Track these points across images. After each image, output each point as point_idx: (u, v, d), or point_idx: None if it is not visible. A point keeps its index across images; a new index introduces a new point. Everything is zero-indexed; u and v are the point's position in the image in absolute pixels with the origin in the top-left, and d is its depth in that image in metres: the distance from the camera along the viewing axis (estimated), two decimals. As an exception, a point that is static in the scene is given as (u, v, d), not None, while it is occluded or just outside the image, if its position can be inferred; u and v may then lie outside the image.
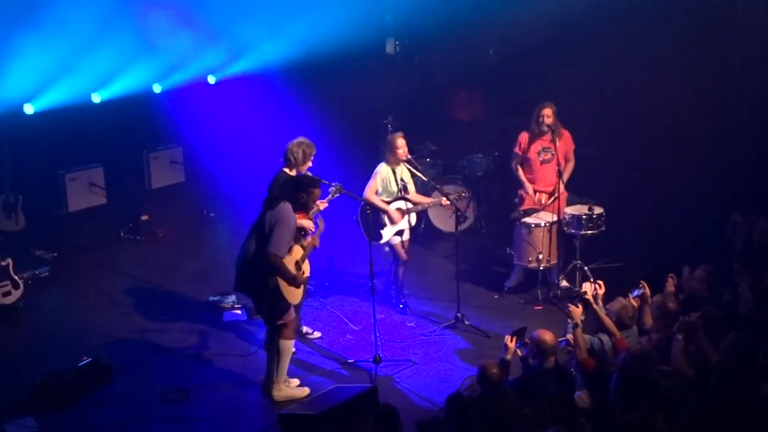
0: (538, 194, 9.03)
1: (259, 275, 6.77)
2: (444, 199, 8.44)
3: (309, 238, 7.17)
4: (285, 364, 7.04)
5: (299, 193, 6.92)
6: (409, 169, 8.54)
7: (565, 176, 8.91)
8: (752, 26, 9.62)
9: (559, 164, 8.71)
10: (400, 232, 8.49)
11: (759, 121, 9.54)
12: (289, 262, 6.83)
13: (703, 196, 9.52)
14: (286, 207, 6.76)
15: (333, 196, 7.88)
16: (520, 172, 9.09)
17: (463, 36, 11.25)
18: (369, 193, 8.28)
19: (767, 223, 7.51)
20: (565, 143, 8.89)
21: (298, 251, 6.98)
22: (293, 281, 6.82)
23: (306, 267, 7.12)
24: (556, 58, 11.14)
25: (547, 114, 8.76)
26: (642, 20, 10.30)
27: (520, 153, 9.04)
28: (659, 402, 5.06)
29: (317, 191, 7.08)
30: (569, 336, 6.45)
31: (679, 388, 5.23)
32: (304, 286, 7.20)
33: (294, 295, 6.91)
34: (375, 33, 11.65)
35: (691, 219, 9.30)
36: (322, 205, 7.77)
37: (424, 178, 8.65)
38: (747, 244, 7.60)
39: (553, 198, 8.92)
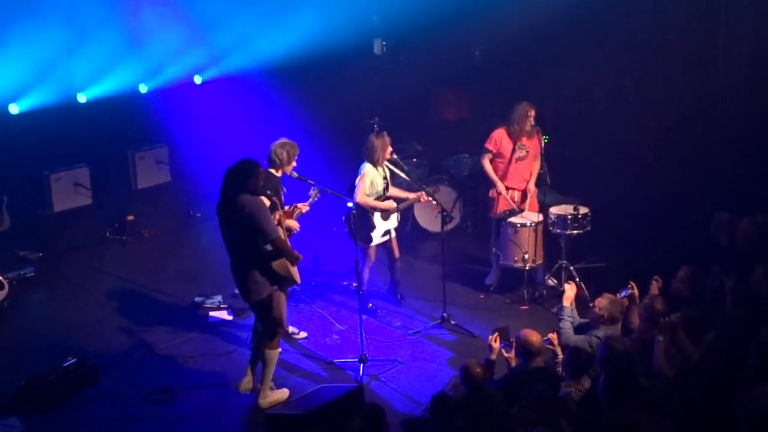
0: (510, 192, 8.95)
1: (262, 272, 6.71)
2: (423, 194, 8.44)
3: (278, 214, 7.09)
4: (272, 371, 7.04)
5: (249, 179, 6.66)
6: (391, 169, 8.54)
7: (534, 173, 8.94)
8: (736, 29, 9.68)
9: (543, 165, 8.74)
10: (386, 232, 8.51)
11: (744, 121, 9.60)
12: None
13: (690, 195, 9.56)
14: (246, 197, 6.60)
15: (314, 199, 7.81)
16: (491, 169, 8.95)
17: (450, 37, 11.27)
18: (361, 196, 8.20)
19: (750, 223, 7.54)
20: (539, 142, 8.88)
21: (281, 232, 7.02)
22: (296, 260, 6.80)
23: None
24: (542, 59, 11.19)
25: (533, 114, 8.77)
26: (628, 22, 10.37)
27: (494, 149, 8.90)
28: (645, 402, 5.08)
29: (261, 169, 6.84)
30: (551, 335, 6.50)
31: (661, 388, 5.25)
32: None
33: (296, 273, 6.99)
34: (362, 33, 11.66)
35: (677, 219, 9.33)
36: (304, 208, 7.74)
37: (407, 179, 8.64)
38: (731, 244, 7.64)
39: (525, 197, 8.94)
